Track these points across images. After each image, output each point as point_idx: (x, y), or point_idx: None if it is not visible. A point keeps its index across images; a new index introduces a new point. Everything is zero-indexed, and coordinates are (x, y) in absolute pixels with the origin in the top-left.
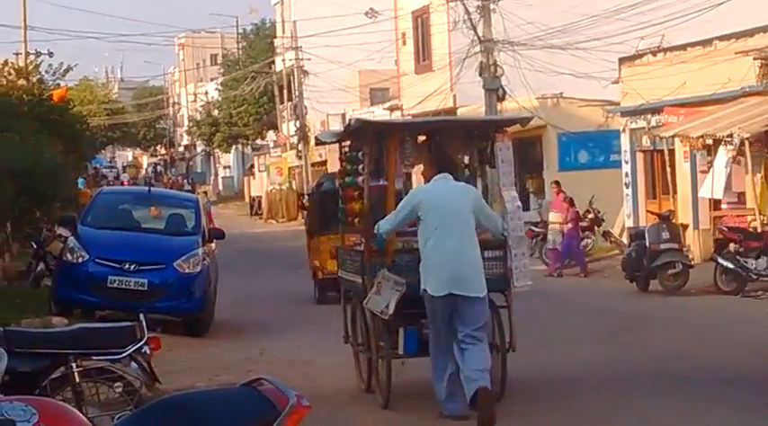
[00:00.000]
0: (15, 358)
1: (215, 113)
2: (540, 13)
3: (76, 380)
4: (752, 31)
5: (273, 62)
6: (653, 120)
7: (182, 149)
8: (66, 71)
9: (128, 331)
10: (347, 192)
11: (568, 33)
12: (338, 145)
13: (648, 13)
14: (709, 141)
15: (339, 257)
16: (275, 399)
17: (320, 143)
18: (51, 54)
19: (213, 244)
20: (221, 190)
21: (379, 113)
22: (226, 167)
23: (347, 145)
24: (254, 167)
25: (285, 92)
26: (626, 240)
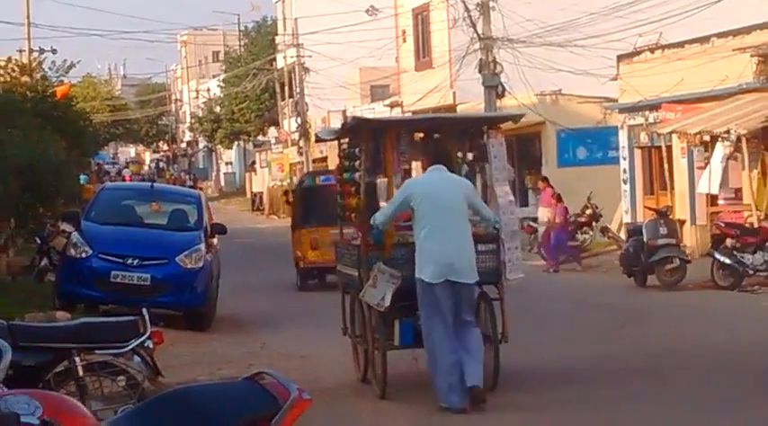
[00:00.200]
0: (19, 352)
1: (217, 110)
2: (540, 11)
3: (80, 374)
4: (749, 29)
5: (275, 59)
6: (651, 117)
7: (184, 145)
8: (70, 68)
9: (131, 325)
10: (345, 188)
11: (567, 31)
12: (337, 142)
13: (646, 10)
14: (707, 138)
15: (337, 251)
16: (277, 393)
17: (320, 140)
18: (55, 51)
19: (215, 240)
20: (223, 185)
21: (380, 110)
22: (227, 163)
23: (346, 142)
24: (255, 163)
25: (286, 88)
26: (624, 235)
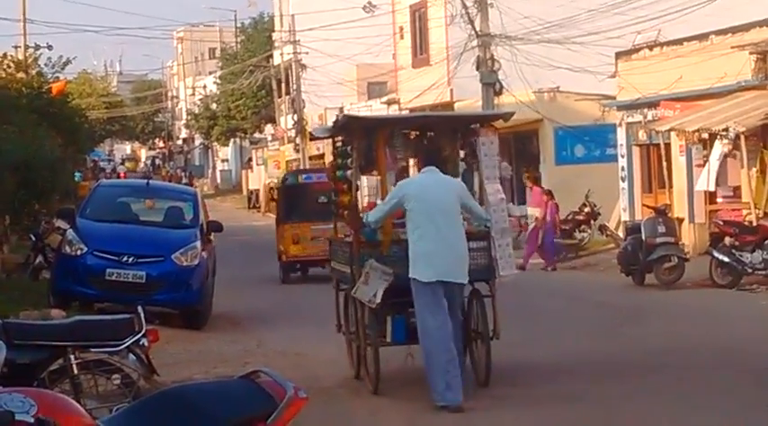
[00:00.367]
0: (14, 350)
1: (213, 107)
2: (538, 8)
3: (75, 372)
4: (748, 26)
5: (271, 56)
6: (649, 114)
7: (180, 142)
8: (65, 64)
9: (126, 323)
10: (338, 185)
11: (565, 28)
12: (331, 140)
13: (645, 7)
14: (705, 135)
15: (331, 248)
16: (273, 391)
17: (314, 138)
18: (50, 47)
19: (212, 237)
20: (219, 183)
21: (377, 107)
22: (224, 160)
23: (340, 140)
24: (251, 160)
25: (283, 85)
26: (622, 234)
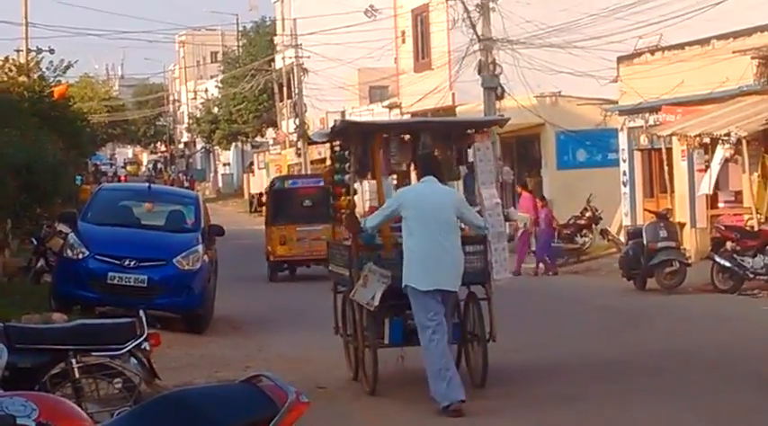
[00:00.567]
0: (15, 353)
1: (215, 110)
2: (539, 12)
3: (76, 376)
4: (750, 31)
5: (273, 60)
6: (651, 119)
7: (182, 146)
8: (67, 68)
9: (127, 327)
10: (336, 189)
11: (567, 32)
12: (330, 144)
13: (647, 12)
14: (707, 140)
15: (329, 251)
16: (274, 395)
17: (312, 142)
18: (52, 51)
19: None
20: (221, 187)
21: (379, 111)
22: (225, 164)
23: (338, 144)
24: (253, 164)
25: (285, 89)
26: (623, 238)
